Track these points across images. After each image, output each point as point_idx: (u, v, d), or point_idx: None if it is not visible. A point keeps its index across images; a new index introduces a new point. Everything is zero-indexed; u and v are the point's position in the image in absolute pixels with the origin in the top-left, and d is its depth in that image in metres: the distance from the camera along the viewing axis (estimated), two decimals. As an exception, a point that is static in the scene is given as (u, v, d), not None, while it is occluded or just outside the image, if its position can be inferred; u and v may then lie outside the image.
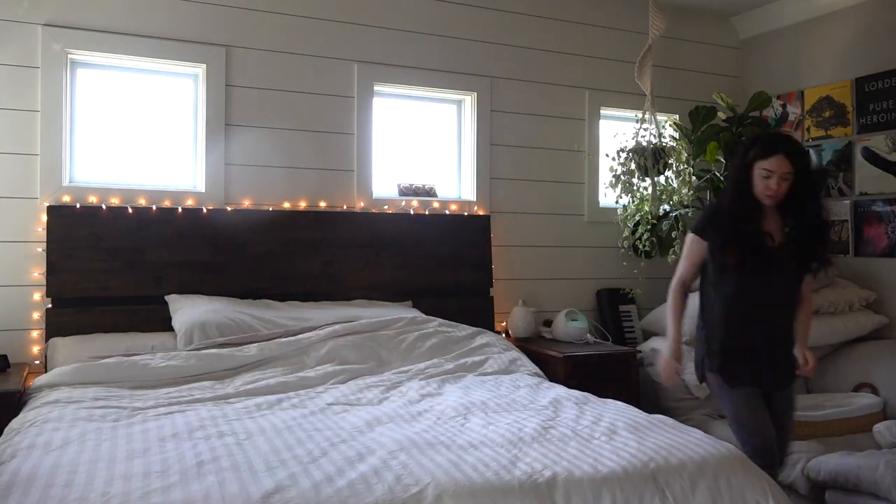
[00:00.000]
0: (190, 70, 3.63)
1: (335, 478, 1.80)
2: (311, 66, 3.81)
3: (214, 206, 3.57)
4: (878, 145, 4.01)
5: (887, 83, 3.98)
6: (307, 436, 2.14)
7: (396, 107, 4.10)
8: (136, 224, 3.38)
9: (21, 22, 3.28)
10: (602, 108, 4.50)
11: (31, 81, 3.29)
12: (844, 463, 2.80)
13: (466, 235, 4.03)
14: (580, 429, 2.27)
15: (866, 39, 4.11)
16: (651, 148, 3.99)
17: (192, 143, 3.66)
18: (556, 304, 4.24)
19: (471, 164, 4.19)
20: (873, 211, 4.04)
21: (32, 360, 3.25)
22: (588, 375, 3.52)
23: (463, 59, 4.14)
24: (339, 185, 3.86)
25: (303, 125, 3.79)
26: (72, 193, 3.33)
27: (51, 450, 1.98)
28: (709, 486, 1.97)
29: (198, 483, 1.75)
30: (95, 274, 3.29)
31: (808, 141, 4.40)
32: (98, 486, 1.71)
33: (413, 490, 1.75)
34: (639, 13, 4.39)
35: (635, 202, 4.21)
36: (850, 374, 3.69)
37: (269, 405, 2.57)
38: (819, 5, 4.33)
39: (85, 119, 3.47)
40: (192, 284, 3.44)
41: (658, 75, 4.31)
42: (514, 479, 1.84)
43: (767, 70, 4.71)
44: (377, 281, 3.81)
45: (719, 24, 4.84)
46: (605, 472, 1.92)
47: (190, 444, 2.05)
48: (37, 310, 3.28)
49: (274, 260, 3.61)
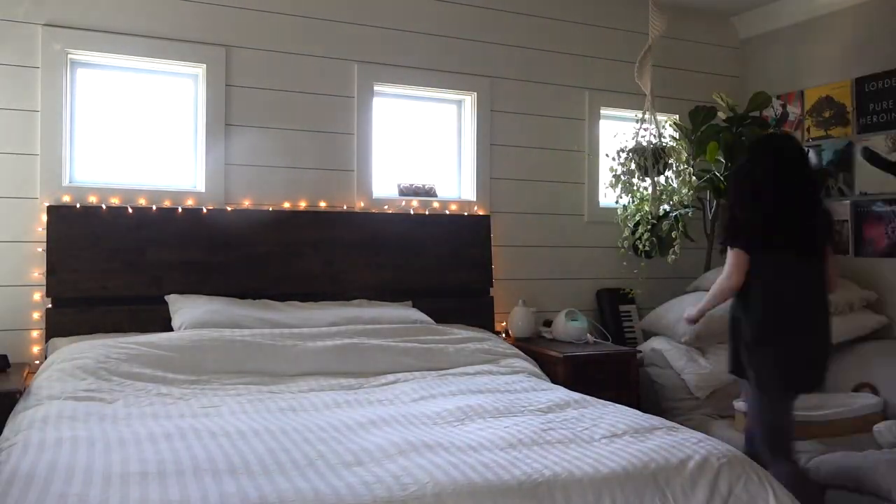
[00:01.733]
0: (190, 70, 3.63)
1: (333, 479, 1.80)
2: (311, 66, 3.81)
3: (214, 206, 3.57)
4: (878, 145, 4.00)
5: (887, 83, 3.98)
6: (302, 438, 2.14)
7: (396, 107, 4.10)
8: (136, 224, 3.38)
9: (21, 22, 3.28)
10: (602, 108, 4.50)
11: (31, 81, 3.29)
12: (845, 463, 2.80)
13: (466, 235, 4.03)
14: (580, 430, 2.27)
15: (866, 39, 4.11)
16: (651, 148, 3.98)
17: (192, 143, 3.66)
18: (556, 304, 4.24)
19: (471, 164, 4.19)
20: (873, 211, 4.03)
21: (32, 360, 3.25)
22: (588, 375, 3.52)
23: (463, 59, 4.14)
24: (339, 185, 3.86)
25: (303, 125, 3.79)
26: (72, 193, 3.33)
27: (45, 448, 1.98)
28: (709, 485, 1.97)
29: (195, 483, 1.75)
30: (95, 274, 3.29)
31: (808, 141, 4.40)
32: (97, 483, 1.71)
33: (412, 490, 1.75)
34: (639, 13, 4.38)
35: (635, 202, 4.21)
36: (850, 374, 3.68)
37: (265, 405, 2.57)
38: (819, 5, 4.33)
39: (85, 119, 3.47)
40: (192, 284, 3.44)
41: (658, 75, 4.31)
42: (514, 480, 1.84)
43: (767, 70, 4.71)
44: (377, 281, 3.81)
45: (719, 24, 4.84)
46: (605, 472, 1.92)
47: (183, 445, 2.04)
48: (37, 310, 3.28)
49: (274, 260, 3.61)
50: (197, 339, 2.97)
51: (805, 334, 2.63)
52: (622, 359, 3.71)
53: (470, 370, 3.18)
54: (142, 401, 2.55)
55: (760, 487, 2.01)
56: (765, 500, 1.99)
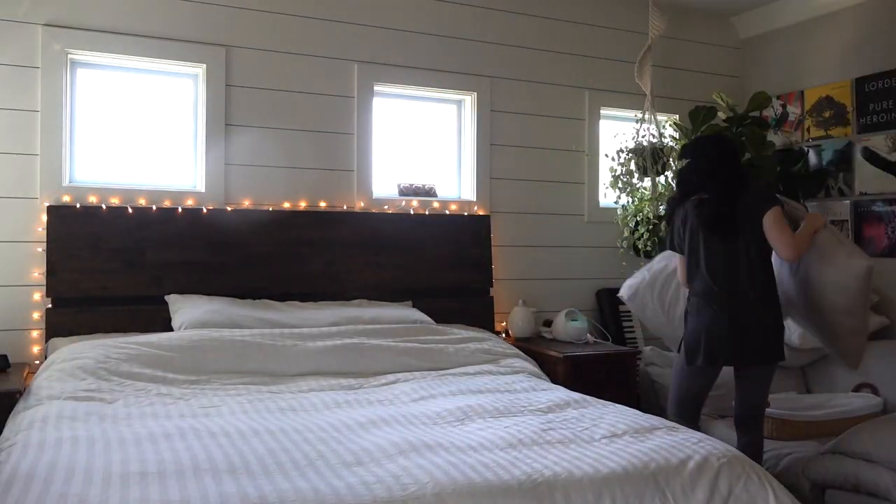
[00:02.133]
0: (190, 70, 3.63)
1: (333, 479, 1.80)
2: (311, 66, 3.81)
3: (214, 206, 3.57)
4: (878, 145, 4.01)
5: (887, 83, 3.98)
6: (302, 438, 2.14)
7: (396, 107, 4.10)
8: (136, 224, 3.38)
9: (21, 22, 3.28)
10: (602, 108, 4.50)
11: (31, 81, 3.29)
12: (844, 463, 2.80)
13: (466, 235, 4.03)
14: (580, 430, 2.27)
15: (866, 39, 4.11)
16: (651, 148, 3.99)
17: (192, 143, 3.66)
18: (556, 304, 4.24)
19: (471, 164, 4.19)
20: (873, 211, 4.04)
21: (32, 360, 3.25)
22: (588, 375, 3.52)
23: (463, 59, 4.14)
24: (339, 185, 3.86)
25: (303, 125, 3.79)
26: (72, 193, 3.33)
27: (45, 448, 1.98)
28: (709, 485, 1.97)
29: (195, 483, 1.75)
30: (95, 274, 3.29)
31: (808, 141, 4.41)
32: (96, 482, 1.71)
33: (412, 489, 1.75)
34: (639, 13, 4.39)
35: (635, 202, 4.21)
36: (850, 374, 3.68)
37: (265, 405, 2.57)
38: (819, 5, 4.33)
39: (85, 119, 3.47)
40: (192, 284, 3.44)
41: (658, 75, 4.31)
42: (514, 480, 1.84)
43: (767, 70, 4.71)
44: (377, 281, 3.81)
45: (719, 24, 4.84)
46: (605, 472, 1.92)
47: (183, 445, 2.04)
48: (37, 310, 3.28)
49: (274, 260, 3.61)
50: (197, 339, 2.97)
51: (718, 310, 2.77)
52: (622, 359, 3.71)
53: (470, 370, 3.18)
54: (142, 401, 2.55)
55: (760, 487, 2.01)
56: (765, 499, 1.99)
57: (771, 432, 3.18)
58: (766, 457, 3.08)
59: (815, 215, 2.85)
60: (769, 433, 3.18)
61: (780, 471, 3.00)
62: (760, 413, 2.93)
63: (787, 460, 3.02)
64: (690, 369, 2.87)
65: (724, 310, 2.76)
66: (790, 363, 3.86)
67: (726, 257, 2.78)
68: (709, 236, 2.82)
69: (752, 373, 2.85)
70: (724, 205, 2.78)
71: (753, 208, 2.74)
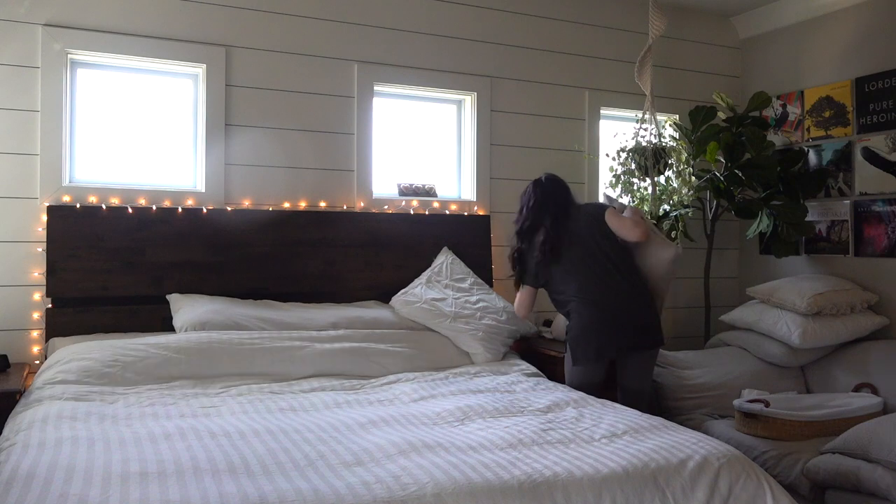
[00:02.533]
0: (190, 70, 3.63)
1: (333, 479, 1.80)
2: (311, 66, 3.81)
3: (214, 206, 3.57)
4: (878, 145, 4.01)
5: (887, 83, 3.98)
6: (302, 438, 2.14)
7: (396, 107, 4.10)
8: (136, 224, 3.38)
9: (21, 22, 3.28)
10: (602, 108, 4.50)
11: (31, 81, 3.29)
12: (844, 463, 2.80)
13: (466, 235, 4.03)
14: (580, 430, 2.27)
15: (866, 39, 4.11)
16: (651, 148, 3.99)
17: (192, 143, 3.66)
18: (556, 304, 4.24)
19: (471, 164, 4.19)
20: (873, 211, 4.04)
21: (32, 360, 3.25)
22: (588, 375, 3.51)
23: (463, 59, 4.14)
24: (339, 185, 3.86)
25: (303, 125, 3.79)
26: (72, 193, 3.34)
27: (46, 448, 1.98)
28: (709, 485, 1.97)
29: (195, 483, 1.75)
30: (95, 274, 3.29)
31: (808, 141, 4.41)
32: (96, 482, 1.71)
33: (412, 490, 1.75)
34: (639, 13, 4.39)
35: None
36: (850, 374, 3.69)
37: (265, 405, 2.57)
38: (819, 5, 4.33)
39: (85, 119, 3.48)
40: (193, 284, 3.44)
41: (658, 75, 4.31)
42: (514, 480, 1.84)
43: (767, 70, 4.71)
44: (377, 281, 3.81)
45: (719, 24, 4.84)
46: (605, 472, 1.92)
47: (183, 445, 2.04)
48: (37, 310, 3.28)
49: (274, 260, 3.61)
50: (206, 341, 2.98)
51: (596, 308, 3.06)
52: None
53: (470, 370, 3.19)
54: (142, 401, 2.56)
55: (760, 487, 2.02)
56: (764, 499, 1.99)
57: (771, 432, 3.18)
58: (766, 457, 3.08)
59: (633, 208, 3.25)
60: (769, 433, 3.18)
61: (779, 471, 3.00)
62: (645, 399, 3.16)
63: (787, 460, 3.02)
64: (583, 368, 3.09)
65: (603, 306, 3.05)
66: (790, 363, 3.87)
67: (594, 259, 3.10)
68: (567, 249, 3.13)
69: (636, 360, 3.11)
70: (558, 223, 3.17)
71: (595, 214, 3.19)
